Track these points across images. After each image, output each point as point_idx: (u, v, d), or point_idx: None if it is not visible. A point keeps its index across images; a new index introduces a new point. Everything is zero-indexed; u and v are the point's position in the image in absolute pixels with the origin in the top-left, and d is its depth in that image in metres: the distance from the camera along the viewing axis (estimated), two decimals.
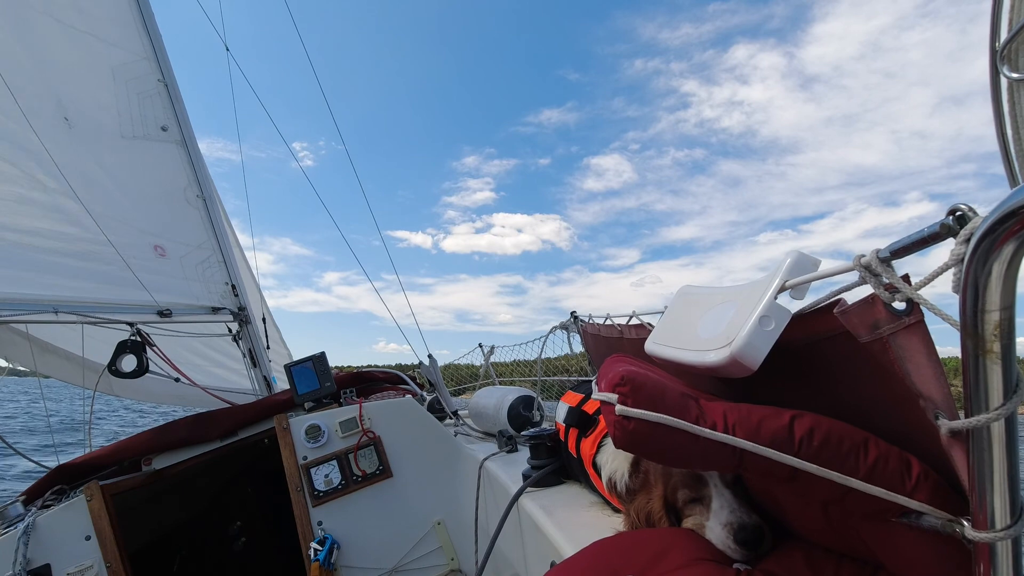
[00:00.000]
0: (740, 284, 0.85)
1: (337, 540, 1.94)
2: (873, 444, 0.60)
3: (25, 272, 2.47)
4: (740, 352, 0.67)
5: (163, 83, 3.10)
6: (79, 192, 2.67)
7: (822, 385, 0.71)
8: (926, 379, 0.49)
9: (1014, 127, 0.45)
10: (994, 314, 0.39)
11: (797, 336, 0.67)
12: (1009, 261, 0.37)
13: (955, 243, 0.40)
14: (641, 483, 1.05)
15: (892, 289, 0.48)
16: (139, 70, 3.05)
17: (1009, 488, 0.43)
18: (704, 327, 0.84)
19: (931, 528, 0.54)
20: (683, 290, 1.06)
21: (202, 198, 3.19)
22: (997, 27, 0.44)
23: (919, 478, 0.56)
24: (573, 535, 1.13)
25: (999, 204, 0.36)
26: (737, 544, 0.80)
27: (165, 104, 3.10)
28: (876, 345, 0.52)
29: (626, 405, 0.66)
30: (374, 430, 2.13)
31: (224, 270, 3.20)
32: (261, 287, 4.57)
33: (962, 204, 0.41)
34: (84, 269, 2.67)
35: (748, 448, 0.62)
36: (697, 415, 0.66)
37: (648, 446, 0.68)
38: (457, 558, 2.08)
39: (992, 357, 0.40)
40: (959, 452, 0.46)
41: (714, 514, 0.86)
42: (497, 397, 2.29)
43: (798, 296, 0.67)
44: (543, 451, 1.58)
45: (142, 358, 2.21)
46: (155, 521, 2.28)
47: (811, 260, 0.68)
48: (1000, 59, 0.45)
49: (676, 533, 0.90)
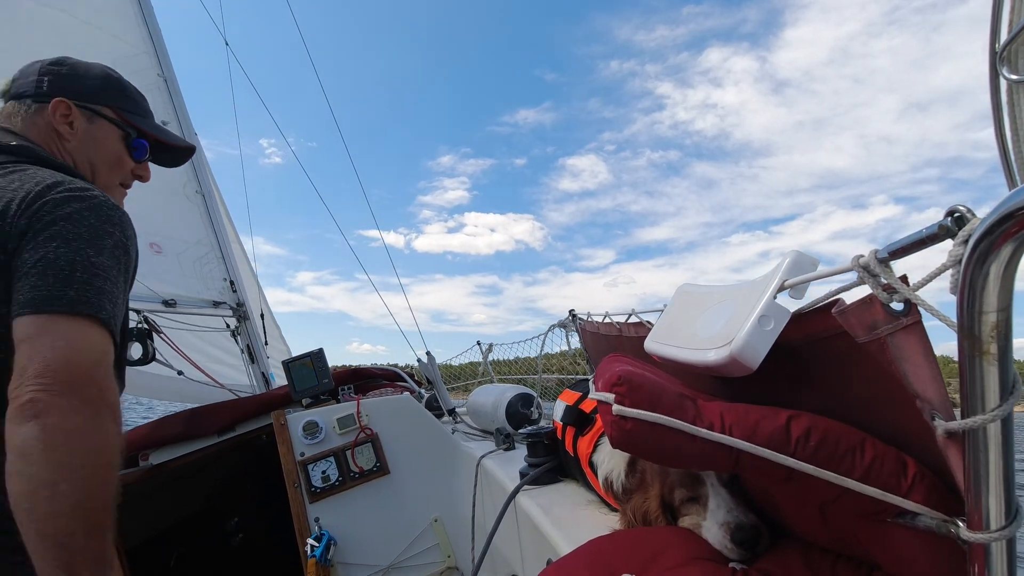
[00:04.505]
0: (739, 283, 0.85)
1: (334, 536, 1.94)
2: (870, 445, 0.60)
3: None
4: (739, 351, 0.67)
5: (162, 78, 3.09)
6: None
7: (819, 385, 0.71)
8: (923, 380, 0.49)
9: (1013, 129, 0.45)
10: (991, 315, 0.39)
11: (795, 336, 0.68)
12: (1007, 262, 0.37)
13: (953, 244, 0.40)
14: (638, 482, 1.06)
15: (890, 290, 0.48)
16: (140, 64, 3.04)
17: (1004, 489, 0.43)
18: (703, 326, 0.84)
19: (927, 528, 0.55)
20: (682, 289, 1.06)
21: (201, 194, 3.18)
22: (997, 28, 0.44)
23: (915, 479, 0.57)
24: (570, 533, 1.13)
25: (997, 205, 0.36)
26: (734, 544, 0.80)
27: (165, 99, 3.10)
28: (874, 345, 0.52)
29: (623, 405, 0.67)
30: (372, 427, 2.13)
31: (223, 266, 3.19)
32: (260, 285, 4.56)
33: (960, 205, 0.41)
34: None
35: (745, 449, 0.62)
36: (694, 415, 0.66)
37: (645, 446, 0.68)
38: (454, 555, 2.08)
39: (989, 358, 0.40)
40: (955, 453, 0.47)
41: (711, 513, 0.86)
42: (495, 395, 2.29)
43: (797, 296, 0.67)
44: (540, 449, 1.58)
45: (148, 346, 2.22)
46: (152, 517, 2.28)
47: (810, 260, 0.68)
48: (1000, 61, 0.45)
49: (673, 532, 0.90)
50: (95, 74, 1.04)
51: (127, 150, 1.05)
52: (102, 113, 1.02)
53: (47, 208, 0.75)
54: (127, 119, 1.05)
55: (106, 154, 1.03)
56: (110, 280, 0.75)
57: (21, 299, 0.70)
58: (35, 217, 0.74)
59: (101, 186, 1.02)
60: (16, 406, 0.63)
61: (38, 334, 0.67)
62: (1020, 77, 0.44)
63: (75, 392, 0.65)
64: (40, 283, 0.69)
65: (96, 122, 1.01)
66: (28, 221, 0.74)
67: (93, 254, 0.74)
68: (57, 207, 0.76)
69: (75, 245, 0.73)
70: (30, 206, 0.75)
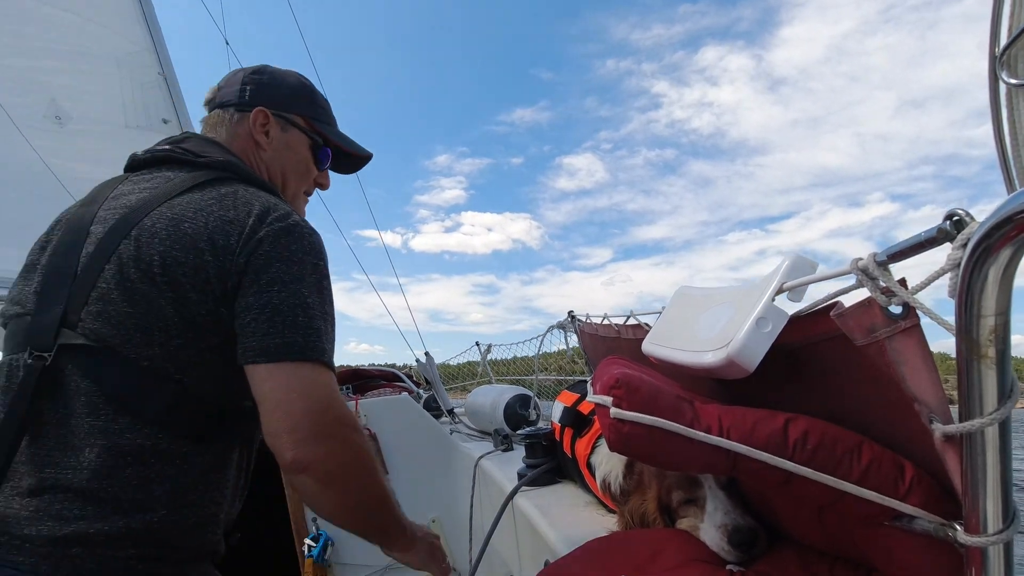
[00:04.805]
0: (737, 285, 0.85)
1: (331, 536, 1.94)
2: (867, 448, 0.60)
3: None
4: (737, 353, 0.67)
5: (162, 75, 3.09)
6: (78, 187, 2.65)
7: (817, 388, 0.71)
8: (921, 383, 0.49)
9: (1012, 133, 0.45)
10: (990, 319, 0.39)
11: (793, 338, 0.68)
12: (1005, 266, 0.37)
13: (952, 248, 0.40)
14: (635, 484, 1.06)
15: (889, 293, 0.48)
16: (140, 61, 3.04)
17: (1002, 492, 0.43)
18: (701, 328, 0.84)
19: (924, 532, 0.55)
20: (681, 291, 1.06)
21: None
22: (997, 32, 0.44)
23: (912, 482, 0.57)
24: (567, 535, 1.13)
25: (996, 209, 0.36)
26: (731, 546, 0.80)
27: (165, 97, 3.10)
28: (872, 348, 0.52)
29: (621, 408, 0.66)
30: (370, 427, 2.13)
31: None
32: None
33: (959, 209, 0.41)
34: None
35: (742, 452, 0.62)
36: (692, 418, 0.66)
37: (642, 449, 0.68)
38: (451, 556, 2.08)
39: (987, 362, 0.40)
40: (953, 456, 0.47)
41: (708, 516, 0.86)
42: (494, 396, 2.29)
43: (795, 298, 0.67)
44: (539, 450, 1.58)
45: None
46: None
47: (809, 262, 0.68)
48: (999, 64, 0.45)
49: (670, 534, 0.90)
50: (291, 83, 1.06)
51: (313, 159, 1.07)
52: (294, 122, 1.03)
53: (264, 247, 0.79)
54: (316, 127, 1.06)
55: (296, 163, 1.05)
56: (324, 317, 0.81)
57: (254, 345, 0.75)
58: (254, 255, 0.78)
59: (289, 196, 1.05)
60: (284, 463, 0.74)
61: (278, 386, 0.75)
62: (1020, 81, 0.44)
63: (324, 439, 0.75)
64: (271, 330, 0.75)
65: (289, 131, 1.03)
66: (246, 260, 0.77)
67: (308, 294, 0.79)
68: (274, 245, 0.79)
69: (293, 288, 0.78)
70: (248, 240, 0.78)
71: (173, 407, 0.76)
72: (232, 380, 0.78)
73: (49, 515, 0.69)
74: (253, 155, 1.00)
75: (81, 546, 0.69)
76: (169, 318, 0.75)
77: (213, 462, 0.81)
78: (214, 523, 0.84)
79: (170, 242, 0.76)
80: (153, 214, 0.79)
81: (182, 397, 0.76)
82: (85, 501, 0.70)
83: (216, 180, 0.86)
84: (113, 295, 0.75)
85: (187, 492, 0.77)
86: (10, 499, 0.71)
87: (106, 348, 0.74)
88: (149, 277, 0.75)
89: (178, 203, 0.80)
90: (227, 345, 0.78)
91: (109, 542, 0.70)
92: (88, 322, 0.75)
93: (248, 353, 0.76)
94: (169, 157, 0.90)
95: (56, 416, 0.73)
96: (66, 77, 2.80)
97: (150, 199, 0.81)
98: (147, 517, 0.73)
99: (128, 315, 0.75)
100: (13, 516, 0.70)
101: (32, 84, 2.70)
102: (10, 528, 0.69)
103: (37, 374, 0.72)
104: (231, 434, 0.85)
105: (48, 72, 2.76)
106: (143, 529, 0.72)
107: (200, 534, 0.81)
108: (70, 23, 2.80)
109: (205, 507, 0.81)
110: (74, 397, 0.73)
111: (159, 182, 0.85)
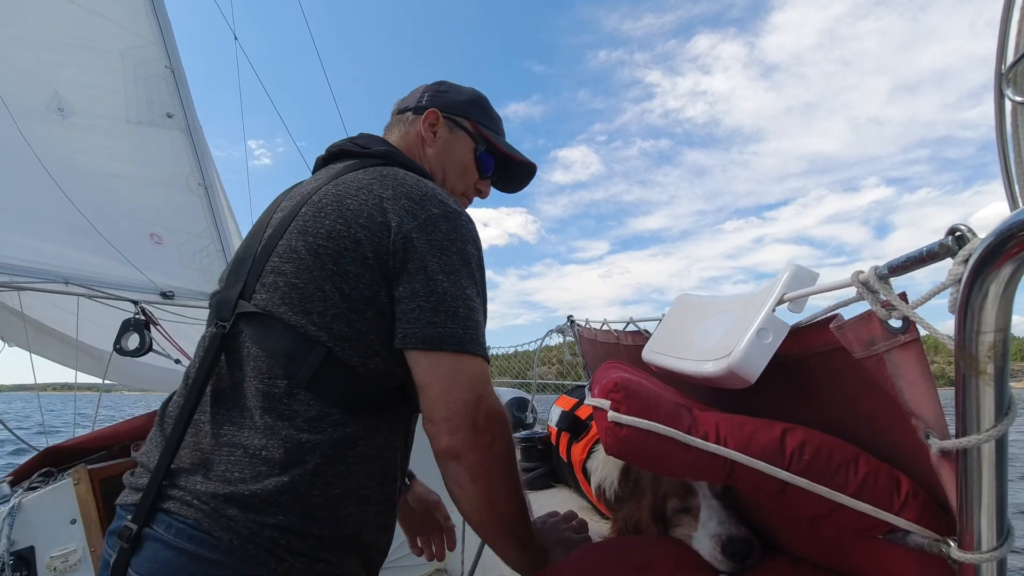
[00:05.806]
0: (737, 294, 0.85)
1: None
2: (864, 460, 0.60)
3: (37, 241, 2.50)
4: (738, 364, 0.67)
5: (170, 69, 3.10)
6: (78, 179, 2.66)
7: (815, 399, 0.71)
8: (919, 397, 0.49)
9: (1016, 150, 0.45)
10: (989, 335, 0.39)
11: (793, 349, 0.68)
12: (1006, 283, 0.37)
13: (953, 263, 0.40)
14: (630, 491, 1.05)
15: (889, 306, 0.48)
16: (147, 55, 3.04)
17: (996, 510, 0.43)
18: (701, 337, 0.84)
19: (917, 547, 0.54)
20: (681, 299, 1.07)
21: (203, 186, 3.18)
22: (1003, 49, 0.45)
23: (908, 496, 0.56)
24: None
25: (998, 226, 0.36)
26: (725, 556, 0.80)
27: (171, 90, 3.10)
28: (871, 362, 0.52)
29: (619, 412, 0.66)
30: None
31: (223, 259, 3.19)
32: None
33: (961, 224, 0.41)
34: (99, 247, 2.69)
35: (739, 460, 0.62)
36: (689, 425, 0.66)
37: (639, 454, 0.68)
38: (445, 561, 2.07)
39: (985, 378, 0.40)
40: (948, 472, 0.46)
41: (702, 525, 0.86)
42: None
43: (796, 310, 0.67)
44: (534, 454, 1.58)
45: (145, 337, 2.21)
46: None
47: (809, 273, 0.68)
48: (1005, 82, 0.45)
49: (663, 542, 0.90)
50: (466, 93, 1.14)
51: (475, 163, 1.13)
52: (463, 125, 1.10)
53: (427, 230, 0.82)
54: (483, 132, 1.12)
55: (457, 162, 1.11)
56: (479, 310, 0.84)
57: (417, 333, 0.79)
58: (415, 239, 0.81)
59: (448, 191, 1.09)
60: (437, 449, 0.80)
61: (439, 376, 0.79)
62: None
63: (478, 431, 0.79)
64: (435, 319, 0.79)
65: (456, 132, 1.10)
66: (404, 242, 0.81)
67: (467, 286, 0.83)
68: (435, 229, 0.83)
69: (454, 279, 0.81)
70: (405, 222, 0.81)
71: (322, 371, 0.79)
72: (384, 358, 0.82)
73: (217, 473, 0.75)
74: (419, 150, 1.07)
75: (236, 507, 0.73)
76: (327, 289, 0.80)
77: (361, 434, 0.82)
78: (362, 501, 0.83)
79: (335, 216, 0.82)
80: (320, 191, 0.86)
81: (332, 364, 0.79)
82: (251, 460, 0.75)
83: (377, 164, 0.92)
84: (283, 268, 0.82)
85: (335, 463, 0.79)
86: (191, 453, 0.78)
87: (271, 315, 0.80)
88: (314, 249, 0.81)
89: (342, 181, 0.87)
90: (381, 322, 0.81)
91: (261, 506, 0.74)
92: (260, 293, 0.82)
93: (410, 339, 0.79)
94: (343, 151, 0.99)
95: (233, 379, 0.81)
96: (70, 70, 2.80)
97: (321, 183, 0.89)
98: (294, 481, 0.75)
99: (293, 285, 0.81)
100: (188, 471, 0.77)
101: (36, 76, 2.70)
102: (183, 482, 0.76)
103: (219, 341, 0.81)
104: (380, 410, 0.86)
105: (52, 65, 2.77)
106: (290, 493, 0.75)
107: (343, 507, 0.80)
108: (75, 15, 2.80)
109: (350, 479, 0.81)
110: (246, 361, 0.80)
111: (331, 172, 0.93)
